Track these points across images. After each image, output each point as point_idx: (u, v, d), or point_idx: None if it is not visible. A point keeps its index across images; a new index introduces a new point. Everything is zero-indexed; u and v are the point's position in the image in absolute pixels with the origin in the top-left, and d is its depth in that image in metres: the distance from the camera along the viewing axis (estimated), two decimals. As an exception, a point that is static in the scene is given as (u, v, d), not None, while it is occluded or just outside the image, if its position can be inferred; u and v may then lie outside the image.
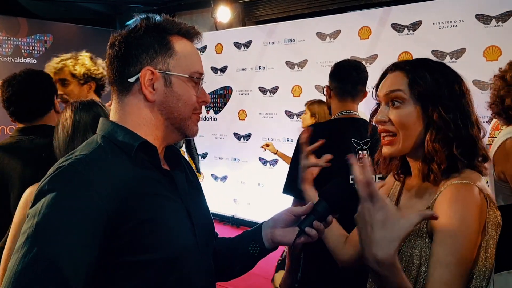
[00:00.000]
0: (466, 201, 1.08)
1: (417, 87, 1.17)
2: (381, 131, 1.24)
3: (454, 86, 1.19)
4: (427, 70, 1.20)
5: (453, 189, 1.11)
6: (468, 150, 1.16)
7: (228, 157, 6.50)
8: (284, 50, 5.77)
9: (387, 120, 1.21)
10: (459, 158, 1.15)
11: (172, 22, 1.10)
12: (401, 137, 1.19)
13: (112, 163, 1.00)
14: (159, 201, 1.04)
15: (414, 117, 1.18)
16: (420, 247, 1.14)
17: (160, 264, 1.00)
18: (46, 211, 0.90)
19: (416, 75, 1.19)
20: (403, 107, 1.19)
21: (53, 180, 0.94)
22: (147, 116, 1.08)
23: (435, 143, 1.15)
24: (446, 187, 1.13)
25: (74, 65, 2.49)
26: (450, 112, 1.15)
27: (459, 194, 1.09)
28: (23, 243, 0.88)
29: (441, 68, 1.22)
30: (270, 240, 1.23)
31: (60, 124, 1.59)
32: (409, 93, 1.18)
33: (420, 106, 1.17)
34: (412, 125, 1.18)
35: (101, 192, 0.93)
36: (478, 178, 1.16)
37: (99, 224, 0.92)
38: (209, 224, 1.23)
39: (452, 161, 1.15)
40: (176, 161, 1.19)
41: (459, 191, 1.10)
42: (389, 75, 1.25)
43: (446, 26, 4.46)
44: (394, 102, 1.20)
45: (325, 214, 1.18)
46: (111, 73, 1.09)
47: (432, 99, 1.16)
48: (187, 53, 1.11)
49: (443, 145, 1.15)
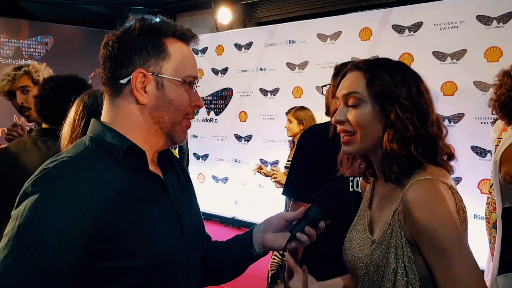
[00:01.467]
0: (435, 199, 1.08)
1: (374, 87, 1.17)
2: (340, 131, 1.23)
3: (412, 85, 1.18)
4: (385, 69, 1.20)
5: (417, 188, 1.10)
6: (428, 149, 1.16)
7: (229, 158, 6.50)
8: (284, 51, 5.77)
9: (345, 120, 1.20)
10: (418, 157, 1.14)
11: (167, 24, 1.08)
12: (359, 136, 1.19)
13: (98, 166, 0.99)
14: (145, 205, 1.02)
15: (372, 117, 1.17)
16: (395, 253, 1.13)
17: (144, 269, 0.98)
18: (28, 213, 0.89)
19: (373, 75, 1.18)
20: (360, 107, 1.18)
21: (36, 182, 0.93)
22: (137, 119, 1.05)
23: (393, 143, 1.14)
24: (408, 185, 1.12)
25: (35, 71, 2.44)
26: (408, 112, 1.15)
27: (426, 193, 1.09)
28: (5, 246, 0.88)
29: (399, 68, 1.22)
30: (261, 244, 1.21)
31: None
32: (366, 94, 1.18)
33: (378, 106, 1.17)
34: (370, 125, 1.18)
35: (84, 196, 0.92)
36: (443, 173, 1.15)
37: (82, 228, 0.91)
38: (199, 229, 1.22)
39: (412, 161, 1.15)
40: (169, 164, 1.17)
41: (423, 189, 1.10)
42: (348, 75, 1.25)
43: (447, 27, 4.45)
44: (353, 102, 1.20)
45: (317, 219, 1.17)
46: (104, 73, 1.08)
47: (389, 99, 1.16)
48: (182, 56, 1.08)
49: (401, 145, 1.14)
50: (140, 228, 0.99)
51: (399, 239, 1.13)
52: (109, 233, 0.93)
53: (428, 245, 1.08)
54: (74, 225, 0.90)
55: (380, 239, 1.17)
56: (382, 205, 1.26)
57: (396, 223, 1.14)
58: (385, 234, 1.16)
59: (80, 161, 0.98)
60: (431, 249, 1.07)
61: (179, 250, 1.07)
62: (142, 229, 0.99)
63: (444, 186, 1.10)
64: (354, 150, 1.22)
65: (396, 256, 1.13)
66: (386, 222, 1.17)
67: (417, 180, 1.12)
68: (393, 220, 1.15)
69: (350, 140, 1.21)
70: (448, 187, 1.11)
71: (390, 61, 1.25)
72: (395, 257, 1.13)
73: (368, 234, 1.25)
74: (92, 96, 1.54)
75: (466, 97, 4.19)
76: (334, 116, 1.24)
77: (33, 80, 2.44)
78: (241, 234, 1.28)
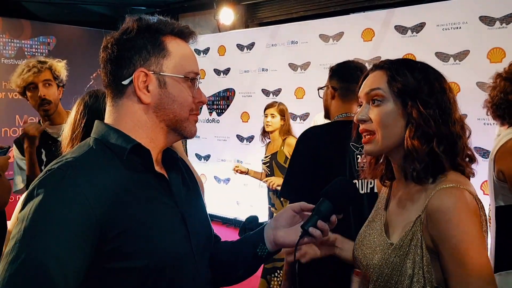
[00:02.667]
0: (462, 210, 1.06)
1: (396, 84, 1.17)
2: (362, 131, 1.23)
3: (434, 83, 1.18)
4: (407, 68, 1.20)
5: (444, 196, 1.09)
6: (449, 147, 1.15)
7: (231, 159, 6.49)
8: (287, 52, 5.76)
9: (367, 119, 1.20)
10: (440, 155, 1.13)
11: (165, 22, 1.08)
12: (380, 135, 1.18)
13: (103, 167, 0.98)
14: (151, 205, 1.02)
15: (394, 115, 1.17)
16: (413, 259, 1.12)
17: (149, 271, 0.98)
18: (34, 215, 0.88)
19: (395, 72, 1.18)
20: (383, 105, 1.18)
21: (41, 184, 0.93)
22: (141, 119, 1.06)
23: (414, 139, 1.13)
24: (434, 193, 1.11)
25: (57, 68, 2.48)
26: (429, 108, 1.14)
27: (453, 202, 1.08)
28: (12, 249, 0.87)
29: (421, 67, 1.22)
30: (273, 242, 1.19)
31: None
32: (388, 91, 1.18)
33: (400, 103, 1.17)
34: (392, 123, 1.17)
35: (89, 196, 0.91)
36: (466, 181, 1.14)
37: (88, 228, 0.90)
38: (206, 230, 1.20)
39: (434, 159, 1.14)
40: (173, 164, 1.16)
41: (450, 198, 1.08)
42: (370, 75, 1.25)
43: (449, 28, 4.44)
44: (375, 100, 1.19)
45: (329, 214, 1.15)
46: (105, 76, 1.07)
47: (410, 95, 1.15)
48: (181, 53, 1.08)
49: (422, 142, 1.13)
50: (145, 228, 0.98)
51: (418, 246, 1.12)
52: (115, 234, 0.93)
53: (450, 255, 1.07)
54: (80, 225, 0.89)
55: (399, 244, 1.16)
56: (400, 209, 1.24)
57: (418, 230, 1.12)
58: (405, 239, 1.14)
59: (85, 162, 0.98)
60: (452, 259, 1.06)
61: (184, 251, 1.06)
62: (147, 230, 0.98)
63: (470, 196, 1.09)
64: (376, 149, 1.21)
65: (414, 262, 1.11)
66: (406, 227, 1.16)
67: (442, 188, 1.10)
68: (415, 226, 1.13)
69: (371, 139, 1.20)
70: (473, 197, 1.09)
71: (412, 61, 1.25)
72: (413, 263, 1.11)
73: (384, 237, 1.23)
74: (93, 96, 1.54)
75: (469, 98, 4.16)
76: (356, 115, 1.23)
77: (54, 75, 2.47)
78: (251, 233, 1.26)
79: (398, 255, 1.15)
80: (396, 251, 1.16)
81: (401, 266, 1.13)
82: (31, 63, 2.47)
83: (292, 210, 1.21)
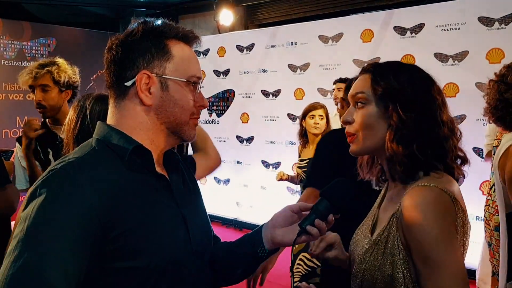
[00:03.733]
0: (429, 209, 1.07)
1: (378, 87, 1.18)
2: (346, 132, 1.25)
3: (419, 86, 1.19)
4: (392, 71, 1.21)
5: (414, 194, 1.10)
6: (433, 150, 1.16)
7: (231, 160, 6.50)
8: (286, 53, 5.77)
9: (352, 120, 1.22)
10: (420, 158, 1.14)
11: (169, 26, 1.09)
12: (361, 136, 1.20)
13: (105, 167, 0.99)
14: (152, 206, 1.03)
15: (375, 117, 1.19)
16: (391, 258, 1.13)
17: (150, 271, 0.98)
18: (37, 215, 0.89)
19: (378, 76, 1.20)
20: (365, 107, 1.20)
21: (44, 184, 0.94)
22: (143, 120, 1.07)
23: (393, 142, 1.15)
24: (408, 191, 1.13)
25: (58, 72, 2.48)
26: (410, 112, 1.15)
27: (421, 199, 1.09)
28: (14, 247, 0.88)
29: (408, 69, 1.23)
30: (271, 241, 1.20)
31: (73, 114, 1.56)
32: (371, 94, 1.20)
33: (382, 106, 1.18)
34: (374, 125, 1.19)
35: (92, 197, 0.92)
36: (448, 180, 1.14)
37: (90, 229, 0.91)
38: (206, 231, 1.21)
39: (414, 161, 1.15)
40: (174, 165, 1.17)
41: (419, 196, 1.09)
42: (358, 78, 1.27)
43: (448, 29, 4.45)
44: (359, 103, 1.22)
45: (327, 213, 1.17)
46: (108, 77, 1.09)
47: (392, 99, 1.17)
48: (185, 57, 1.09)
49: (402, 145, 1.14)
50: (146, 228, 0.99)
51: (395, 244, 1.13)
52: (116, 234, 0.94)
53: (416, 252, 1.08)
54: (82, 225, 0.90)
55: (376, 239, 1.18)
56: (387, 207, 1.27)
57: (393, 226, 1.15)
58: (382, 235, 1.17)
59: (87, 162, 0.99)
60: (419, 257, 1.08)
61: (185, 252, 1.07)
62: (148, 230, 0.99)
63: (445, 195, 1.09)
64: (358, 149, 1.23)
65: (392, 260, 1.13)
66: (384, 224, 1.18)
67: (417, 186, 1.12)
68: (390, 223, 1.16)
69: (353, 139, 1.22)
70: (449, 197, 1.09)
71: (399, 63, 1.26)
72: (391, 262, 1.13)
73: (368, 233, 1.26)
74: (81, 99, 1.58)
75: (467, 98, 4.18)
76: (342, 117, 1.26)
77: (54, 80, 2.48)
78: (249, 233, 1.27)
79: (375, 251, 1.17)
80: (373, 246, 1.18)
81: (378, 264, 1.15)
82: (33, 66, 2.49)
83: (291, 210, 1.22)
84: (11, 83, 5.88)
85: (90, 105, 1.50)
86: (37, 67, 2.47)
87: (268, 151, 6.07)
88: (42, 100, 2.46)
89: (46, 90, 2.47)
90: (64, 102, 2.54)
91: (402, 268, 1.11)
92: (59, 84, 2.49)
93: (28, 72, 2.46)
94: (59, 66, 2.52)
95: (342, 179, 1.24)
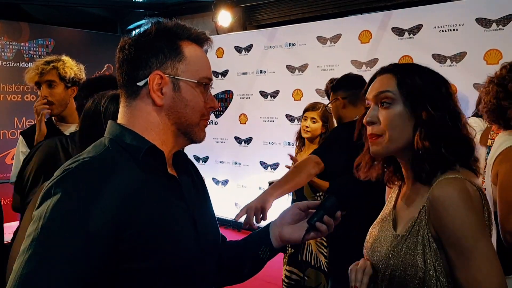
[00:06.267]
0: (461, 199, 1.08)
1: (406, 87, 1.19)
2: (370, 133, 1.24)
3: (442, 87, 1.20)
4: (415, 71, 1.22)
5: (445, 185, 1.11)
6: (461, 149, 1.17)
7: (229, 161, 6.50)
8: (284, 54, 5.78)
9: (376, 120, 1.22)
10: (449, 157, 1.15)
11: (182, 27, 1.10)
12: (387, 136, 1.20)
13: (119, 167, 1.00)
14: (164, 206, 1.03)
15: (403, 117, 1.19)
16: (422, 251, 1.13)
17: (161, 272, 0.99)
18: (51, 214, 0.89)
19: (404, 75, 1.21)
20: (392, 107, 1.20)
21: (59, 183, 0.94)
22: (154, 120, 1.07)
23: (425, 141, 1.15)
24: (436, 183, 1.13)
25: (64, 68, 2.49)
26: (439, 110, 1.16)
27: (452, 190, 1.09)
28: (28, 246, 0.88)
29: (428, 71, 1.25)
30: (279, 239, 1.22)
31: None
32: (398, 93, 1.19)
33: (409, 105, 1.18)
34: (401, 125, 1.19)
35: (106, 196, 0.93)
36: (472, 175, 1.16)
37: (104, 228, 0.91)
38: (214, 231, 1.22)
39: (443, 160, 1.15)
40: (183, 166, 1.18)
41: (450, 187, 1.10)
42: (378, 78, 1.27)
43: (446, 30, 4.46)
44: (384, 103, 1.21)
45: (334, 209, 1.18)
46: (120, 77, 1.09)
47: (421, 98, 1.17)
48: (197, 59, 1.10)
49: (432, 143, 1.15)
50: (158, 229, 0.99)
51: (425, 237, 1.13)
52: (129, 234, 0.94)
53: (449, 242, 1.09)
54: (96, 225, 0.90)
55: (405, 234, 1.18)
56: (407, 204, 1.26)
57: (423, 220, 1.15)
58: (412, 230, 1.16)
59: (101, 162, 0.99)
60: (452, 247, 1.08)
61: (194, 253, 1.08)
62: (160, 231, 1.00)
63: (472, 186, 1.11)
64: (383, 150, 1.22)
65: (424, 255, 1.13)
66: (412, 218, 1.18)
67: (445, 178, 1.13)
68: (419, 216, 1.16)
69: (378, 140, 1.22)
70: (476, 188, 1.11)
71: (418, 65, 1.28)
72: (423, 256, 1.13)
73: (392, 230, 1.25)
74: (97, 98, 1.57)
75: (466, 99, 4.20)
76: (365, 117, 1.24)
77: (60, 76, 2.49)
78: (256, 232, 1.29)
79: (405, 246, 1.17)
80: (402, 242, 1.18)
81: (411, 259, 1.15)
82: (39, 62, 2.50)
83: (298, 208, 1.24)
84: (9, 84, 5.86)
85: (105, 105, 1.50)
86: (43, 63, 2.48)
87: (266, 152, 6.07)
88: (49, 95, 2.46)
89: (52, 86, 2.48)
90: (71, 99, 2.54)
91: (433, 260, 1.12)
92: (65, 80, 2.50)
93: (34, 68, 2.47)
94: (64, 62, 2.53)
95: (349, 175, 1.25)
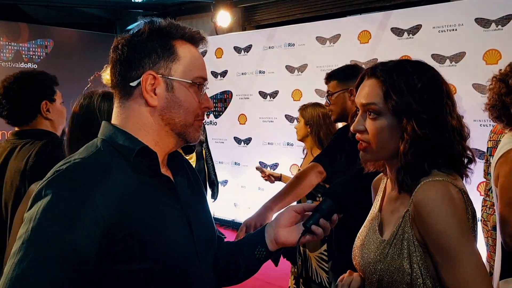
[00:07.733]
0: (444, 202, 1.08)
1: (391, 101, 1.17)
2: (358, 138, 1.25)
3: (433, 92, 1.18)
4: (403, 78, 1.18)
5: (427, 189, 1.11)
6: (446, 156, 1.17)
7: (229, 161, 6.50)
8: (284, 54, 5.78)
9: (364, 129, 1.22)
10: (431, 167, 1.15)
11: (176, 26, 1.08)
12: (374, 146, 1.20)
13: (110, 168, 0.99)
14: (157, 208, 1.02)
15: (389, 129, 1.18)
16: (408, 255, 1.13)
17: (155, 273, 0.98)
18: (42, 216, 0.89)
19: (391, 86, 1.17)
20: (379, 119, 1.19)
21: (49, 184, 0.93)
22: (148, 121, 1.06)
23: (408, 156, 1.15)
24: (419, 186, 1.13)
25: None
26: (425, 126, 1.14)
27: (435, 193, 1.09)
28: (19, 248, 0.88)
29: (419, 72, 1.20)
30: (274, 241, 1.21)
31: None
32: (384, 106, 1.18)
33: (395, 120, 1.18)
34: (387, 136, 1.19)
35: (97, 198, 0.92)
36: (454, 177, 1.16)
37: (95, 230, 0.90)
38: (210, 232, 1.21)
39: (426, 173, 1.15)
40: (178, 166, 1.17)
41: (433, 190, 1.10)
42: (366, 82, 1.25)
43: (445, 30, 4.46)
44: (371, 113, 1.21)
45: (330, 212, 1.18)
46: (113, 77, 1.08)
47: (406, 113, 1.16)
48: (191, 58, 1.08)
49: (415, 158, 1.15)
50: (151, 231, 0.99)
51: (411, 241, 1.13)
52: (122, 236, 0.94)
53: (434, 245, 1.09)
54: (88, 227, 0.90)
55: (390, 240, 1.17)
56: (392, 207, 1.26)
57: (407, 225, 1.14)
58: (396, 235, 1.16)
59: (92, 163, 0.98)
60: (437, 250, 1.08)
61: (189, 254, 1.07)
62: (153, 232, 0.99)
63: (454, 188, 1.11)
64: (371, 158, 1.25)
65: (410, 259, 1.13)
66: (397, 223, 1.18)
67: (428, 181, 1.12)
68: (404, 221, 1.16)
69: (366, 147, 1.22)
70: (458, 190, 1.11)
71: (408, 65, 1.22)
72: (409, 260, 1.13)
73: (378, 235, 1.25)
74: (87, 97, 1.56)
75: (465, 99, 4.19)
76: (353, 125, 1.25)
77: None
78: (252, 233, 1.28)
79: (391, 251, 1.16)
80: (388, 247, 1.17)
81: (398, 264, 1.14)
82: None
83: (294, 210, 1.23)
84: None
85: (98, 104, 1.49)
86: None
87: (265, 152, 6.06)
88: None
89: None
90: None
91: (419, 265, 1.12)
92: None
93: None
94: None
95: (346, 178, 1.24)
